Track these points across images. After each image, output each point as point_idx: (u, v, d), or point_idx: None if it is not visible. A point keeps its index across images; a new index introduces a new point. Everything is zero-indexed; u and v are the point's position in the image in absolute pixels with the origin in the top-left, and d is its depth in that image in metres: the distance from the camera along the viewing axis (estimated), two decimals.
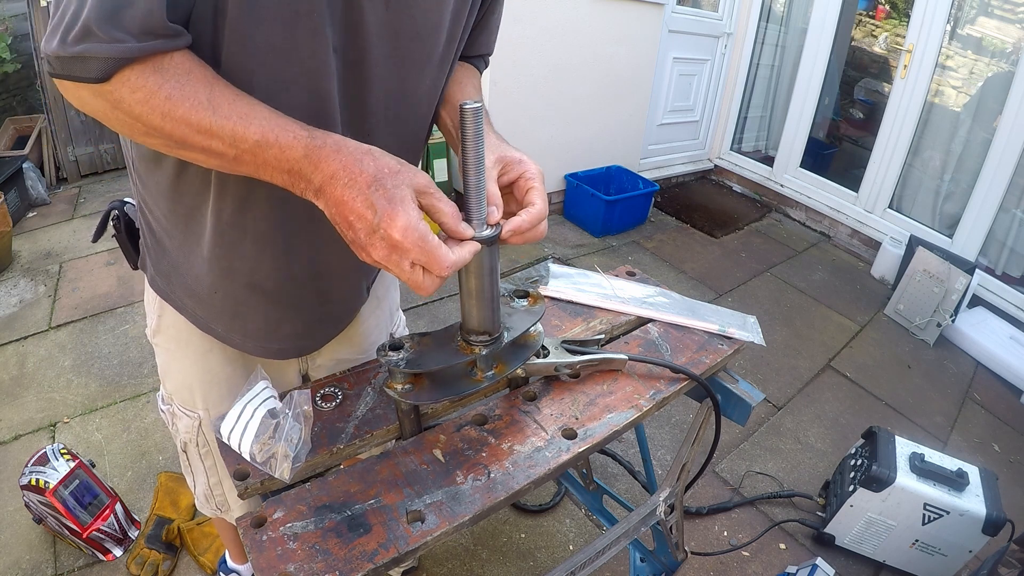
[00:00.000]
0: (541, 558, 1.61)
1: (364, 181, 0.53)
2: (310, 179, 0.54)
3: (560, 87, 3.14)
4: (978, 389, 2.59)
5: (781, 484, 1.93)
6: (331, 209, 0.55)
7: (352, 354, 1.01)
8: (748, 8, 3.93)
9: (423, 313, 2.53)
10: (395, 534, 0.66)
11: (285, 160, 0.54)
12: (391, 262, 0.55)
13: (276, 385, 0.97)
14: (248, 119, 0.53)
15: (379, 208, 0.52)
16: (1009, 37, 3.00)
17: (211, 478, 1.03)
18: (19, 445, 1.78)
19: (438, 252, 0.54)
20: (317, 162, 0.54)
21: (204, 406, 0.94)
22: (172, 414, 0.98)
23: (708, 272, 3.18)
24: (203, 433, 0.97)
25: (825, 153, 4.08)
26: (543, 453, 0.78)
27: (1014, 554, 1.32)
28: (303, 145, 0.54)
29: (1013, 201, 2.94)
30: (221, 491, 1.05)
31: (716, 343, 1.03)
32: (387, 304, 1.07)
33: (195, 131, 0.53)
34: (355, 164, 0.53)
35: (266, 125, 0.54)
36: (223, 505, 1.08)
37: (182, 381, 0.94)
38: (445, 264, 0.55)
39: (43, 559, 1.50)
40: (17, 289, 2.48)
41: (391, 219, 0.52)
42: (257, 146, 0.54)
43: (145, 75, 0.51)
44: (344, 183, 0.53)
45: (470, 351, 0.74)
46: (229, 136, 0.53)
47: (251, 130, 0.53)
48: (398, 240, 0.53)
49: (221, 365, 0.91)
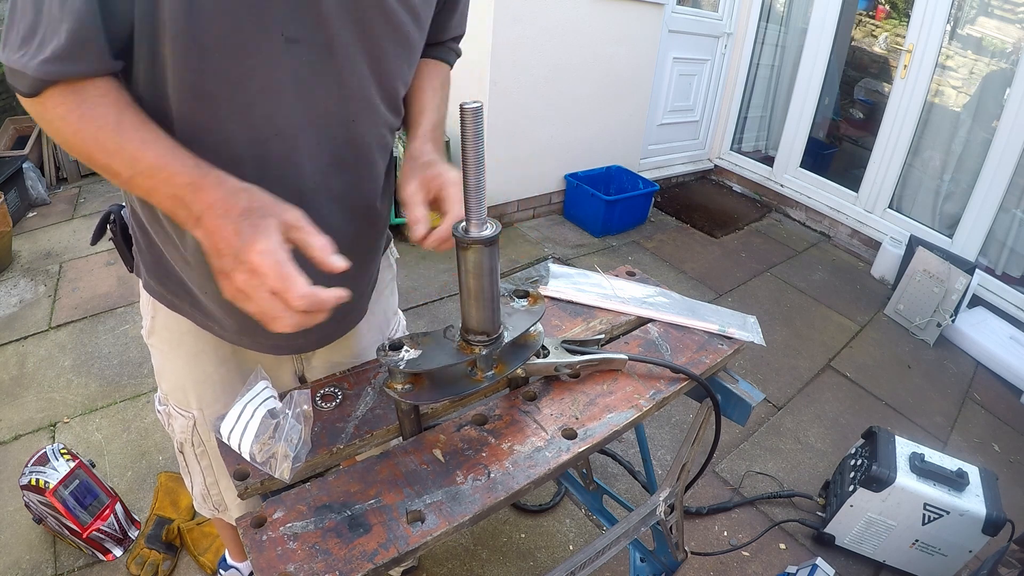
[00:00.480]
0: (541, 558, 1.61)
1: (236, 212, 0.56)
2: (191, 207, 0.58)
3: (560, 87, 3.14)
4: (978, 389, 2.59)
5: (781, 484, 1.93)
6: (206, 238, 0.58)
7: (347, 358, 1.02)
8: (748, 8, 3.93)
9: (423, 313, 2.53)
10: (395, 534, 0.66)
11: (172, 186, 0.58)
12: (250, 287, 0.55)
13: (273, 386, 0.98)
14: (147, 144, 0.59)
15: (244, 235, 0.55)
16: (1009, 37, 3.00)
17: (207, 478, 1.04)
18: (19, 445, 1.78)
19: (292, 280, 0.55)
20: (199, 192, 0.57)
21: (198, 406, 0.95)
22: (168, 414, 0.98)
23: (708, 272, 3.18)
24: (198, 433, 0.97)
25: (825, 153, 4.08)
26: (543, 453, 0.78)
27: (1014, 554, 1.32)
28: (190, 175, 0.58)
29: (1013, 201, 2.94)
30: (218, 491, 1.05)
31: (716, 343, 1.03)
32: (381, 308, 1.06)
33: (99, 149, 0.59)
34: (231, 197, 0.57)
35: (162, 152, 0.59)
36: (220, 505, 1.08)
37: (176, 382, 0.95)
38: (298, 291, 0.54)
39: (43, 559, 1.50)
40: (17, 289, 2.48)
41: (252, 244, 0.55)
42: (150, 169, 0.58)
43: (65, 95, 0.58)
44: (219, 214, 0.56)
45: (470, 351, 0.74)
46: (128, 157, 0.58)
47: (148, 155, 0.58)
48: (256, 263, 0.54)
49: (215, 366, 0.92)
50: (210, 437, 0.97)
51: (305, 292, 0.55)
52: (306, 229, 0.58)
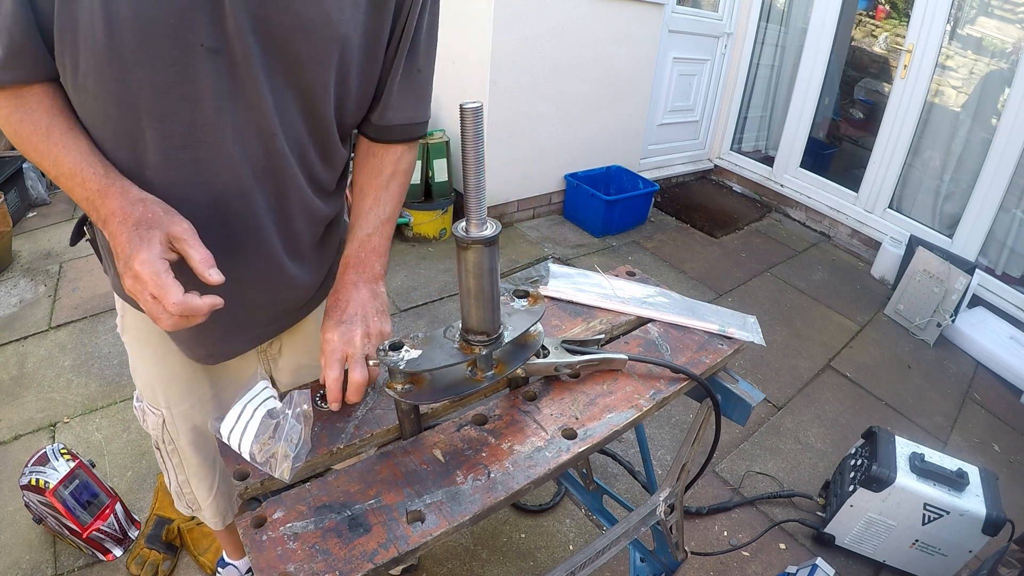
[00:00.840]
0: (541, 558, 1.61)
1: (131, 222, 0.62)
2: (99, 211, 0.65)
3: (560, 87, 3.14)
4: (978, 389, 2.59)
5: (781, 484, 1.93)
6: (109, 241, 0.64)
7: (312, 360, 1.02)
8: (748, 8, 3.93)
9: (423, 313, 2.53)
10: (395, 534, 0.66)
11: (85, 190, 0.65)
12: (136, 291, 0.62)
13: (236, 387, 0.98)
14: (68, 150, 0.65)
15: (132, 244, 0.61)
16: (1009, 37, 3.00)
17: (179, 475, 1.06)
18: (19, 445, 1.78)
19: (168, 288, 0.60)
20: (105, 198, 0.64)
21: (166, 404, 0.97)
22: (143, 411, 1.01)
23: (708, 272, 3.18)
24: (167, 431, 0.99)
25: (825, 153, 4.08)
26: (543, 453, 0.78)
27: (1014, 554, 1.32)
28: (99, 182, 0.65)
29: (1013, 201, 2.94)
30: (190, 489, 1.07)
31: (716, 343, 1.03)
32: None
33: (32, 150, 0.66)
34: (130, 207, 0.63)
35: (80, 158, 0.65)
36: (193, 503, 1.10)
37: (146, 379, 0.97)
38: (171, 299, 0.60)
39: (43, 559, 1.50)
40: (17, 289, 2.48)
41: (135, 253, 0.61)
42: (68, 173, 0.65)
43: (8, 99, 0.64)
44: (119, 220, 0.63)
45: (470, 351, 0.74)
46: (53, 160, 0.65)
47: (67, 160, 0.65)
48: (138, 271, 0.60)
49: (181, 366, 0.94)
50: (179, 435, 1.00)
51: (178, 300, 0.60)
52: (188, 242, 0.62)
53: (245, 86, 0.66)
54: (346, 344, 0.80)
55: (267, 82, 0.68)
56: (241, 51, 0.64)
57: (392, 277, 2.75)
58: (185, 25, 0.60)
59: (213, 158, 0.69)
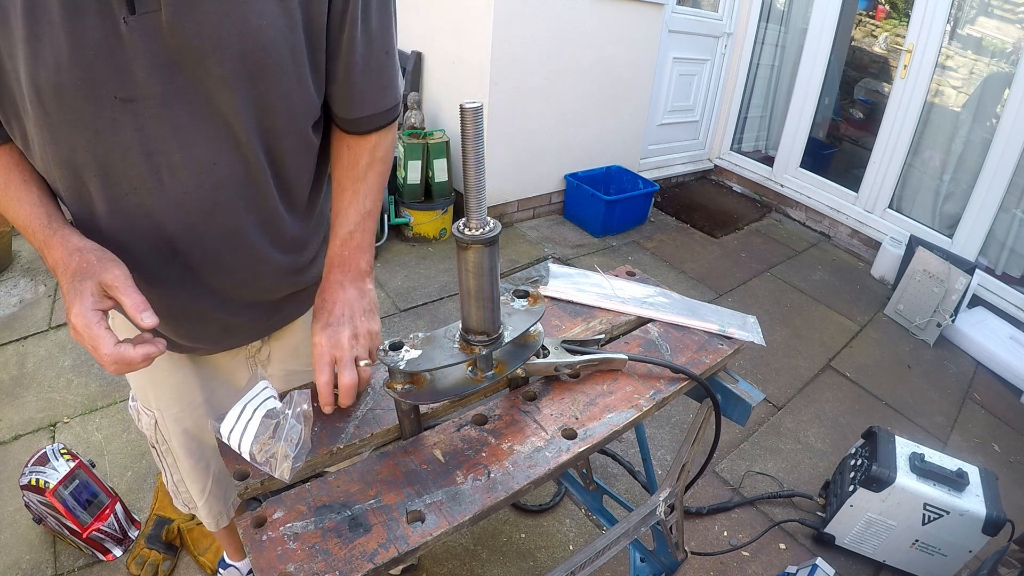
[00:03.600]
0: (541, 558, 1.61)
1: (69, 273, 0.64)
2: (47, 261, 0.68)
3: (560, 87, 3.14)
4: (978, 389, 2.59)
5: (781, 484, 1.93)
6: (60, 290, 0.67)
7: (302, 366, 1.02)
8: (748, 8, 3.93)
9: (423, 313, 2.53)
10: (395, 534, 0.66)
11: (36, 241, 0.68)
12: (80, 341, 0.64)
13: (227, 390, 0.99)
14: (22, 203, 0.68)
15: (69, 297, 0.63)
16: (1009, 37, 3.00)
17: (174, 475, 1.06)
18: (19, 445, 1.78)
19: (99, 341, 0.62)
20: (49, 250, 0.67)
21: (156, 406, 0.97)
22: (137, 411, 1.01)
23: (708, 272, 3.18)
24: (160, 432, 1.00)
25: (825, 153, 4.08)
26: (543, 453, 0.78)
27: (1014, 554, 1.32)
28: (43, 234, 0.67)
29: (1013, 201, 2.94)
30: (185, 488, 1.08)
31: (716, 343, 1.03)
32: None
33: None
34: (68, 257, 0.65)
35: (29, 210, 0.68)
36: (189, 502, 1.11)
37: (138, 381, 0.97)
38: (104, 351, 0.62)
39: (43, 559, 1.50)
40: (17, 289, 2.48)
41: (71, 307, 0.63)
42: (23, 227, 0.69)
43: None
44: (61, 271, 0.65)
45: (470, 351, 0.74)
46: (11, 215, 0.69)
47: (21, 212, 0.69)
48: (74, 324, 0.62)
49: (169, 370, 0.94)
50: (171, 437, 1.00)
51: (110, 351, 0.62)
52: (119, 290, 0.63)
53: (170, 126, 0.65)
54: (334, 347, 0.79)
55: (192, 117, 0.65)
56: (157, 92, 0.62)
57: (392, 277, 2.75)
58: (95, 80, 0.60)
59: (157, 201, 0.69)
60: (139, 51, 0.60)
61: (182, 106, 0.64)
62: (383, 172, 0.88)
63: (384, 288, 2.66)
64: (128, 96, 0.62)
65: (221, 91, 0.65)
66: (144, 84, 0.62)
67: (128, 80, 0.61)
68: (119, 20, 0.58)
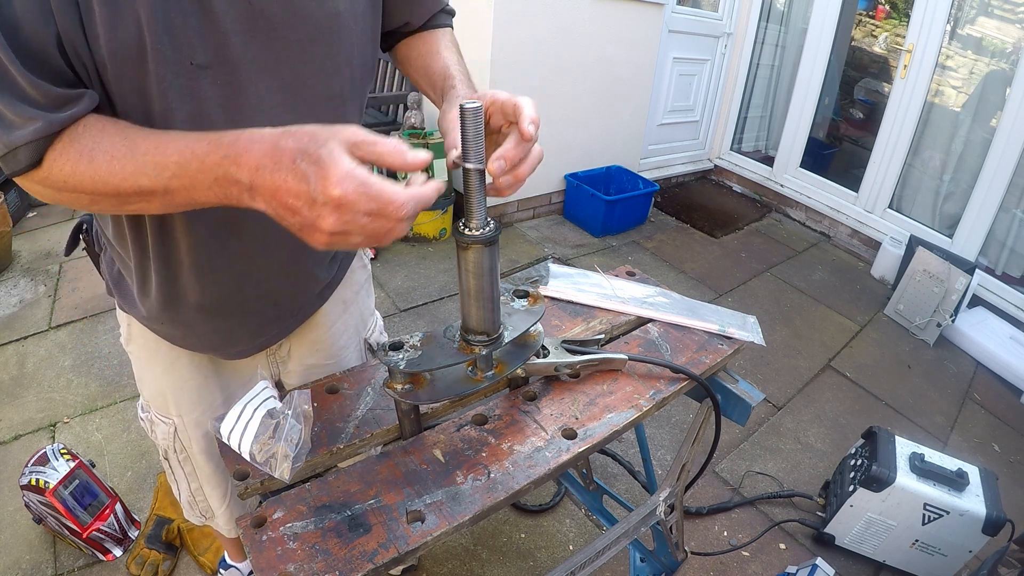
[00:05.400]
0: (541, 558, 1.61)
1: (288, 158, 0.50)
2: (238, 178, 0.52)
3: (561, 87, 3.14)
4: (978, 389, 2.59)
5: (781, 484, 1.93)
6: (270, 203, 0.52)
7: (321, 359, 1.02)
8: (748, 8, 3.93)
9: (423, 313, 2.53)
10: (395, 534, 0.66)
11: (208, 169, 0.53)
12: (344, 224, 0.50)
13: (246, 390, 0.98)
14: (163, 146, 0.54)
15: (310, 175, 0.49)
16: (1009, 37, 3.00)
17: (192, 484, 1.04)
18: (19, 445, 1.78)
19: (387, 192, 0.50)
20: (237, 158, 0.51)
21: (177, 412, 0.95)
22: (151, 421, 0.99)
23: (708, 272, 3.18)
24: (179, 439, 0.98)
25: (825, 153, 4.08)
26: (543, 453, 0.78)
27: (1014, 554, 1.32)
28: (218, 147, 0.52)
29: (1013, 201, 2.94)
30: (203, 497, 1.06)
31: (716, 343, 1.03)
32: (356, 309, 1.06)
33: (123, 179, 0.54)
34: (274, 148, 0.51)
35: (180, 144, 0.54)
36: (207, 512, 1.08)
37: (156, 388, 0.95)
38: (400, 201, 0.50)
39: (43, 559, 1.50)
40: (17, 289, 2.48)
41: (324, 177, 0.48)
42: (179, 167, 0.53)
43: (66, 150, 0.54)
44: (271, 169, 0.50)
45: (470, 351, 0.74)
46: (152, 169, 0.54)
47: (169, 155, 0.54)
48: (339, 196, 0.48)
49: (191, 373, 0.93)
50: (191, 443, 0.98)
51: (407, 196, 0.50)
52: (369, 140, 0.51)
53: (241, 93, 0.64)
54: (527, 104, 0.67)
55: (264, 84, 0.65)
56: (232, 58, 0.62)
57: (392, 277, 2.75)
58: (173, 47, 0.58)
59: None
60: (219, 16, 0.58)
61: (255, 73, 0.63)
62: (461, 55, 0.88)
63: (384, 288, 2.66)
64: (204, 62, 0.60)
65: (294, 56, 0.65)
66: (220, 49, 0.60)
67: (206, 45, 0.59)
68: None
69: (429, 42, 0.88)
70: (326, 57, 0.69)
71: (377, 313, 1.16)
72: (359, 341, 1.08)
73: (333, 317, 1.01)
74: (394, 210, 0.50)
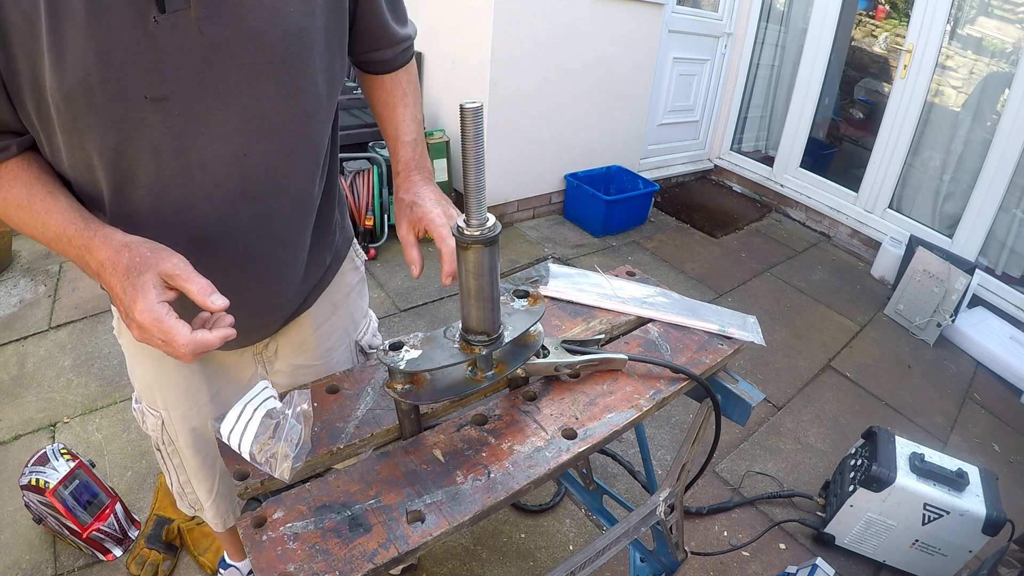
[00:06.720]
0: (541, 558, 1.61)
1: (120, 271, 0.61)
2: (90, 265, 0.64)
3: (561, 88, 3.14)
4: (978, 389, 2.59)
5: (781, 484, 1.93)
6: (108, 293, 0.64)
7: (309, 360, 1.02)
8: (748, 8, 3.93)
9: (423, 313, 2.53)
10: (395, 534, 0.66)
11: (74, 248, 0.64)
12: (144, 339, 0.61)
13: (233, 388, 0.98)
14: (51, 214, 0.65)
15: (127, 295, 0.60)
16: (1009, 37, 3.00)
17: (180, 476, 1.06)
18: (19, 445, 1.78)
19: (172, 332, 0.59)
20: (91, 252, 0.63)
21: (164, 406, 0.97)
22: (142, 412, 1.01)
23: (708, 272, 3.18)
24: (166, 432, 1.00)
25: (825, 153, 4.08)
26: (543, 453, 0.78)
27: (1014, 554, 1.32)
28: (83, 236, 0.63)
29: (1013, 201, 2.94)
30: (192, 489, 1.07)
31: (716, 343, 1.03)
32: (346, 311, 1.06)
33: (21, 224, 0.67)
34: (116, 255, 0.61)
35: (61, 219, 0.64)
36: (196, 504, 1.10)
37: (144, 381, 0.97)
38: (180, 343, 0.59)
39: (43, 559, 1.50)
40: (17, 289, 2.48)
41: (133, 304, 0.60)
42: (56, 236, 0.65)
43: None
44: (110, 271, 0.62)
45: (470, 351, 0.74)
46: (40, 227, 0.65)
47: (52, 224, 0.65)
48: (140, 321, 0.60)
49: (177, 368, 0.94)
50: (178, 437, 1.00)
51: (187, 341, 0.60)
52: (183, 276, 0.61)
53: (201, 122, 0.65)
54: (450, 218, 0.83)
55: (223, 110, 0.66)
56: (188, 89, 0.62)
57: (392, 277, 2.75)
58: (124, 82, 0.59)
59: (188, 196, 0.69)
60: (169, 49, 0.60)
61: (212, 100, 0.64)
62: (418, 96, 0.96)
63: (384, 288, 2.66)
64: (159, 95, 0.61)
65: (252, 81, 0.66)
66: (174, 82, 0.61)
67: (158, 79, 0.61)
68: (148, 19, 0.58)
69: (388, 89, 0.92)
70: (287, 79, 0.69)
71: (372, 314, 1.16)
72: (349, 343, 1.08)
73: (320, 319, 1.01)
74: (177, 347, 0.60)
